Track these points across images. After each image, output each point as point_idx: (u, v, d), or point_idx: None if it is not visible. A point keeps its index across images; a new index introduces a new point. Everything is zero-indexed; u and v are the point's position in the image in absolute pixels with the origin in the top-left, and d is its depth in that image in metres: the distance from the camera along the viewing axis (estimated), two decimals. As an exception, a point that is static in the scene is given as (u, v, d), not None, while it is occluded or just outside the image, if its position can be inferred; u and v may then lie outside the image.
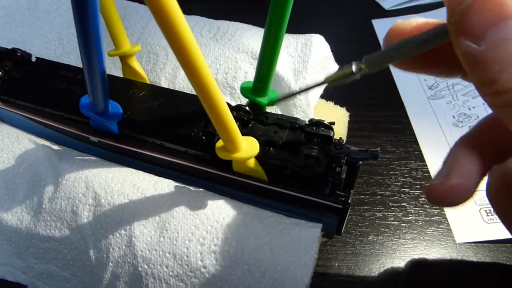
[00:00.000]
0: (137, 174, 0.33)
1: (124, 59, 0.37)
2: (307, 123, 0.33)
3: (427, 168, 0.45)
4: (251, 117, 0.32)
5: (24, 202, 0.33)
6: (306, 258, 0.28)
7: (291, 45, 0.40)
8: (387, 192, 0.43)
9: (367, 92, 0.53)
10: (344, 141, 0.32)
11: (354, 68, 0.24)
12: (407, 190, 0.43)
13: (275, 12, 0.28)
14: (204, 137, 0.32)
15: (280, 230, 0.30)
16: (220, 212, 0.31)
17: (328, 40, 0.43)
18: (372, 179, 0.44)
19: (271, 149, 0.31)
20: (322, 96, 0.41)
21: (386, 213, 0.41)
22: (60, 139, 0.37)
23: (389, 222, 0.40)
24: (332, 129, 0.32)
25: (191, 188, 0.33)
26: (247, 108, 0.33)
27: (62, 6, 0.45)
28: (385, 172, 0.44)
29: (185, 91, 0.39)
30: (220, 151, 0.30)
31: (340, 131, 0.40)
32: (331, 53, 0.42)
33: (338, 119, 0.39)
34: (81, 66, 0.39)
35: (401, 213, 0.41)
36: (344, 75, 0.24)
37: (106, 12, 0.35)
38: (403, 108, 0.51)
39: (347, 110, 0.44)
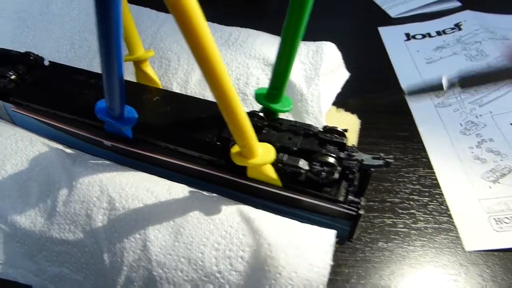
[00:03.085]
0: (151, 179, 0.33)
1: (138, 64, 0.38)
2: (321, 130, 0.33)
3: (435, 176, 0.45)
4: (265, 123, 0.33)
5: (37, 205, 0.34)
6: (322, 264, 0.28)
7: (303, 52, 0.40)
8: (396, 199, 0.43)
9: (373, 99, 0.53)
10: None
11: (444, 84, 0.23)
12: (416, 197, 0.43)
13: (292, 20, 0.28)
14: (218, 143, 0.32)
15: (294, 236, 0.30)
16: (234, 217, 0.31)
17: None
18: (381, 186, 0.44)
19: (286, 155, 0.31)
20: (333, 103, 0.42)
21: (395, 220, 0.41)
22: (73, 143, 0.37)
23: (398, 229, 0.41)
24: (345, 136, 0.32)
25: (204, 193, 0.33)
26: (261, 114, 0.33)
27: (74, 11, 0.45)
28: (394, 179, 0.45)
29: (197, 96, 0.39)
30: (236, 157, 0.30)
31: (352, 138, 0.40)
32: (342, 61, 0.42)
33: (350, 126, 0.39)
34: (94, 70, 0.39)
35: (411, 220, 0.41)
36: (432, 89, 0.23)
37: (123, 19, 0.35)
38: (410, 115, 0.51)
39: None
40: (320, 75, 0.38)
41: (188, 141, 0.33)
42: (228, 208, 0.31)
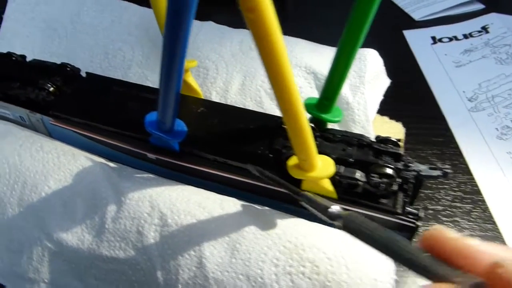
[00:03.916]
0: (200, 193, 0.33)
1: (180, 74, 0.37)
2: (373, 140, 0.32)
3: (475, 182, 0.44)
4: (317, 134, 0.32)
5: (84, 222, 0.33)
6: (386, 279, 0.28)
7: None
8: (439, 207, 0.42)
9: (406, 104, 0.52)
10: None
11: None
12: (458, 204, 0.42)
13: (353, 28, 0.27)
14: (271, 155, 0.32)
15: (354, 250, 0.29)
16: (291, 231, 0.30)
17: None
18: (422, 193, 0.43)
19: (342, 167, 0.31)
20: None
21: (439, 228, 0.40)
22: (114, 156, 0.37)
23: (443, 237, 0.40)
24: (400, 146, 0.31)
25: (257, 206, 0.32)
26: (312, 125, 0.32)
27: (106, 19, 0.44)
28: (434, 186, 0.44)
29: (238, 106, 0.38)
30: (293, 170, 0.29)
31: (397, 147, 0.40)
32: (383, 67, 0.42)
33: (395, 134, 0.38)
34: (130, 81, 0.39)
35: (455, 228, 0.40)
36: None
37: (161, 23, 0.35)
38: (443, 120, 0.51)
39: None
40: (365, 83, 0.37)
41: (238, 153, 0.32)
42: (283, 222, 0.31)
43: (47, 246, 0.33)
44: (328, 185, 0.30)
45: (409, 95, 0.53)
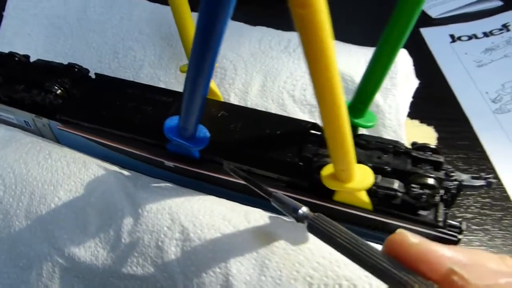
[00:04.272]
0: (223, 204, 0.30)
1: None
2: (409, 147, 0.30)
3: (504, 187, 0.42)
4: (351, 141, 0.30)
5: (98, 235, 0.30)
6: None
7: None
8: (467, 214, 0.40)
9: (427, 106, 0.50)
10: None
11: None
12: (488, 211, 0.40)
13: (397, 27, 0.25)
14: (301, 163, 0.29)
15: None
16: (325, 246, 0.28)
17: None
18: (450, 200, 0.41)
19: (379, 176, 0.28)
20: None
21: (470, 237, 0.38)
22: (127, 163, 0.34)
23: (474, 247, 0.38)
24: (441, 154, 0.29)
25: (285, 218, 0.30)
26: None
27: (115, 16, 0.42)
28: (461, 192, 0.42)
29: (259, 109, 0.36)
30: (328, 180, 0.27)
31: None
32: (413, 67, 0.39)
33: (428, 139, 0.36)
34: (141, 82, 0.36)
35: (486, 238, 0.38)
36: None
37: (181, 24, 0.32)
38: (467, 122, 0.49)
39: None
40: (397, 85, 0.35)
41: (263, 161, 0.30)
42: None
43: (57, 262, 0.31)
44: (364, 196, 0.28)
45: (429, 96, 0.51)
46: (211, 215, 0.29)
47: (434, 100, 0.51)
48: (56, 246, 0.31)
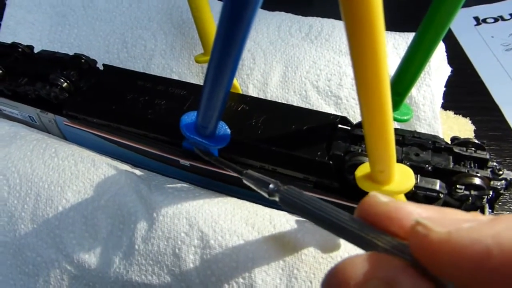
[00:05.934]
0: (245, 206, 0.28)
1: (214, 66, 0.32)
2: (449, 143, 0.27)
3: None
4: (385, 137, 0.27)
5: (109, 241, 0.28)
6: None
7: (400, 46, 0.34)
8: (505, 212, 0.37)
9: (454, 95, 0.47)
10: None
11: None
12: (524, 208, 0.38)
13: (443, 10, 0.22)
14: (331, 162, 0.27)
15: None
16: (358, 253, 0.25)
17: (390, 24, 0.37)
18: (484, 197, 0.38)
19: (419, 176, 0.26)
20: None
21: None
22: (139, 161, 0.32)
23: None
24: (486, 150, 0.26)
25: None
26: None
27: (124, 3, 0.39)
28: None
29: (280, 101, 0.33)
30: (363, 182, 0.24)
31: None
32: (445, 54, 0.36)
33: (464, 132, 0.33)
34: (152, 73, 0.34)
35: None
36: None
37: (197, 9, 0.29)
38: (498, 111, 0.46)
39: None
40: (431, 73, 0.32)
41: (289, 160, 0.27)
42: (346, 242, 0.26)
43: (66, 269, 0.28)
44: (402, 198, 0.25)
45: (457, 84, 0.48)
46: (233, 220, 0.27)
47: (462, 87, 0.48)
48: (64, 252, 0.28)
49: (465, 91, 0.48)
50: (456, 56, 0.52)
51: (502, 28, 0.54)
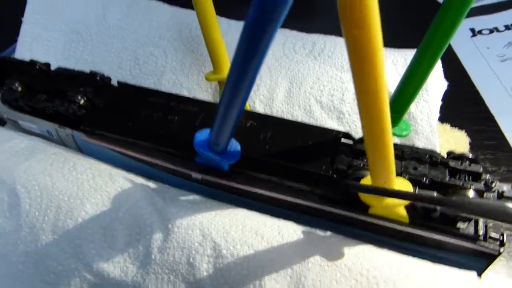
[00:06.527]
0: (254, 218, 0.30)
1: (223, 84, 0.33)
2: (445, 157, 0.29)
3: (536, 190, 0.41)
4: (385, 151, 0.29)
5: (126, 251, 0.30)
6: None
7: (399, 62, 0.36)
8: (496, 221, 0.39)
9: (450, 105, 0.49)
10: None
11: None
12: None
13: (441, 30, 0.24)
14: (334, 175, 0.28)
15: (435, 283, 0.26)
16: (361, 262, 0.27)
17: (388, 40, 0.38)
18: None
19: (417, 188, 0.27)
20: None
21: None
22: (153, 174, 0.33)
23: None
24: (480, 164, 0.28)
25: (319, 232, 0.29)
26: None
27: (135, 22, 0.41)
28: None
29: (285, 117, 0.35)
30: (366, 195, 0.26)
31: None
32: (442, 69, 0.38)
33: (460, 144, 0.35)
34: (163, 89, 0.35)
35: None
36: None
37: (207, 28, 0.31)
38: (493, 121, 0.47)
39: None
40: (428, 89, 0.34)
41: (296, 174, 0.29)
42: (351, 251, 0.28)
43: (86, 278, 0.30)
44: (401, 210, 0.27)
45: (452, 94, 0.50)
46: (243, 230, 0.29)
47: (458, 98, 0.50)
48: (84, 262, 0.30)
49: (462, 101, 0.49)
50: (453, 67, 0.54)
51: (498, 39, 0.56)
